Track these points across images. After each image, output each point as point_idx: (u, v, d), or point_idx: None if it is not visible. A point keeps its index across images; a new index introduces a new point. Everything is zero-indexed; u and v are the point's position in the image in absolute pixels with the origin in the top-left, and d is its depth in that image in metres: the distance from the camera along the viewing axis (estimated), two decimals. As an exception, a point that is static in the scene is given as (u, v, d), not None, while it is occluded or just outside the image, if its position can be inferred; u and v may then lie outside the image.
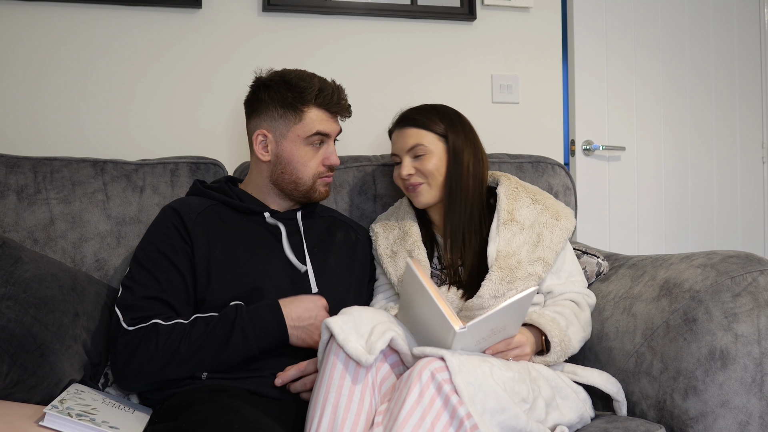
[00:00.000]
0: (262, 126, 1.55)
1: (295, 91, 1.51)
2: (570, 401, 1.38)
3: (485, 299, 1.47)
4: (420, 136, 1.61)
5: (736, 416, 1.34)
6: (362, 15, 2.12)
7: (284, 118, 1.53)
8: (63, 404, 1.18)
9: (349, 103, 1.60)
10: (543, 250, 1.55)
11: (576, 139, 2.47)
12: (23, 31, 1.88)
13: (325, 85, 1.54)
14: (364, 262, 1.67)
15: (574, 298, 1.58)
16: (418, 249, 1.59)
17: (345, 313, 1.26)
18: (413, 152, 1.61)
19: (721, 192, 2.68)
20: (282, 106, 1.52)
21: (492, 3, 2.22)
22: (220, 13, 2.02)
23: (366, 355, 1.18)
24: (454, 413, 1.12)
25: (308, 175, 1.55)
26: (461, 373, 1.16)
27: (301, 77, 1.54)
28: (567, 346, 1.45)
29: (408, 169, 1.60)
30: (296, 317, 1.39)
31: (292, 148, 1.53)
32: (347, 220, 1.73)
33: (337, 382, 1.18)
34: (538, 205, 1.62)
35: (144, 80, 1.97)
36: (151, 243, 1.47)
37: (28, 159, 1.66)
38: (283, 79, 1.54)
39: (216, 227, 1.50)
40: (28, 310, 1.29)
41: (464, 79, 2.22)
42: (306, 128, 1.52)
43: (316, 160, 1.55)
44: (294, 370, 1.36)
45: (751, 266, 1.42)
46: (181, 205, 1.52)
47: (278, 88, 1.53)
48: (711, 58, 2.66)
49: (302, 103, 1.52)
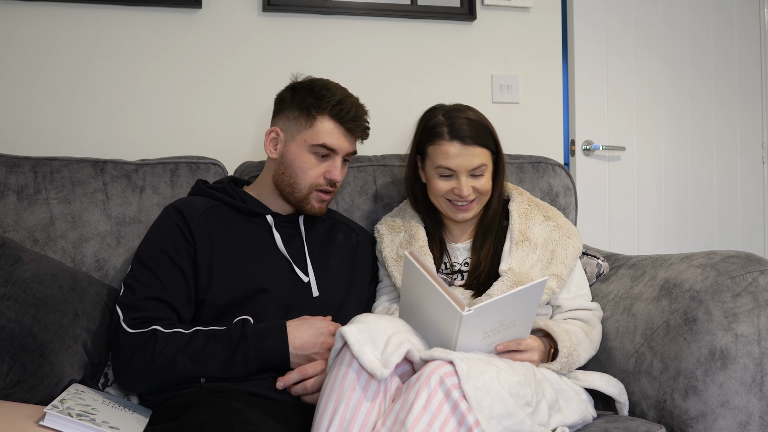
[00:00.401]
0: (277, 124, 1.57)
1: (314, 97, 1.52)
2: (573, 403, 1.38)
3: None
4: (483, 155, 1.55)
5: (736, 416, 1.34)
6: (362, 15, 2.12)
7: (297, 120, 1.53)
8: (63, 404, 1.18)
9: (368, 125, 1.57)
10: (557, 266, 1.54)
11: (576, 139, 2.47)
12: (23, 31, 1.88)
13: (346, 101, 1.53)
14: (365, 264, 1.66)
15: (583, 317, 1.56)
16: (424, 255, 1.58)
17: (360, 321, 1.24)
18: (474, 171, 1.55)
19: (721, 192, 2.68)
20: (299, 108, 1.53)
21: (492, 3, 2.22)
22: (220, 13, 2.02)
23: (381, 368, 1.15)
24: (463, 420, 1.12)
25: (306, 183, 1.53)
26: (470, 379, 1.15)
27: (326, 87, 1.54)
28: (574, 360, 1.44)
29: (468, 189, 1.53)
30: (300, 345, 1.37)
31: (296, 152, 1.53)
32: (348, 222, 1.72)
33: (347, 393, 1.17)
34: (551, 222, 1.61)
35: (144, 80, 1.97)
36: (153, 242, 1.47)
37: (28, 159, 1.66)
38: (310, 84, 1.55)
39: (218, 228, 1.50)
40: (28, 310, 1.29)
41: (464, 79, 2.22)
42: (314, 136, 1.51)
43: (317, 170, 1.53)
44: (295, 373, 1.36)
45: (751, 266, 1.42)
46: (184, 205, 1.52)
47: (301, 90, 1.54)
48: (711, 58, 2.66)
49: (317, 110, 1.51)
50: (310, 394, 1.36)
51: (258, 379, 1.37)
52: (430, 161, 1.58)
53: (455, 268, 1.61)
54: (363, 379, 1.17)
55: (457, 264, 1.62)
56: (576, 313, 1.56)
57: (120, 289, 1.45)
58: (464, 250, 1.63)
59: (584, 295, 1.61)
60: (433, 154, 1.56)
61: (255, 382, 1.37)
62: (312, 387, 1.35)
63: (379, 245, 1.68)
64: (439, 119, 1.57)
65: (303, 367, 1.37)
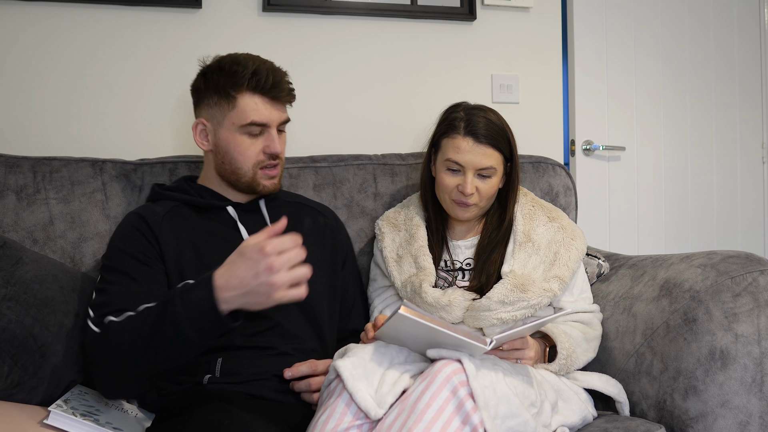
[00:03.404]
0: (201, 115, 1.50)
1: (228, 76, 1.43)
2: (573, 404, 1.38)
3: (492, 302, 1.46)
4: (494, 158, 1.54)
5: (736, 416, 1.34)
6: (362, 15, 2.12)
7: (219, 105, 1.45)
8: (67, 404, 1.18)
9: (292, 87, 1.49)
10: (559, 268, 1.53)
11: (576, 139, 2.47)
12: (23, 31, 1.88)
13: (260, 68, 1.43)
14: (333, 247, 1.60)
15: (584, 320, 1.56)
16: (423, 255, 1.57)
17: (353, 354, 1.23)
18: (482, 171, 1.55)
19: (721, 192, 2.68)
20: (216, 93, 1.45)
21: (492, 3, 2.22)
22: (220, 13, 2.02)
23: (375, 408, 1.16)
24: (468, 420, 1.12)
25: (248, 165, 1.46)
26: (478, 377, 1.15)
27: (236, 61, 1.45)
28: (572, 362, 1.44)
29: (471, 188, 1.53)
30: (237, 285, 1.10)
31: (228, 137, 1.45)
32: (313, 204, 1.67)
33: (341, 429, 1.17)
34: (555, 223, 1.60)
35: (144, 80, 1.96)
36: (118, 249, 1.39)
37: (27, 159, 1.65)
38: (219, 64, 1.47)
39: (182, 228, 1.45)
40: (29, 311, 1.29)
41: (464, 79, 2.22)
42: (240, 116, 1.43)
43: (254, 147, 1.45)
44: (306, 366, 1.34)
45: (751, 266, 1.42)
46: (144, 210, 1.47)
47: (212, 74, 1.46)
48: (711, 58, 2.66)
49: (234, 89, 1.43)
50: (312, 392, 1.35)
51: (259, 380, 1.36)
52: (441, 154, 1.59)
53: (456, 266, 1.61)
54: (353, 409, 1.18)
55: (458, 262, 1.62)
56: (577, 316, 1.56)
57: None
58: (466, 248, 1.63)
59: (586, 298, 1.61)
60: (445, 147, 1.57)
61: (256, 384, 1.36)
62: (316, 385, 1.34)
63: (379, 243, 1.67)
64: (459, 114, 1.58)
65: (314, 362, 1.35)
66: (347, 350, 1.28)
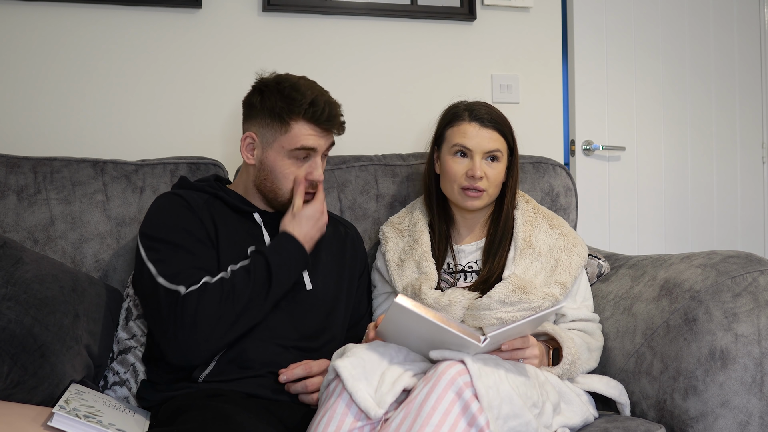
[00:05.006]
0: (251, 129, 1.52)
1: (285, 101, 1.46)
2: (574, 405, 1.38)
3: (493, 301, 1.46)
4: (500, 142, 1.58)
5: (736, 416, 1.34)
6: (362, 15, 2.12)
7: (271, 127, 1.48)
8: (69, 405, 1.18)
9: (343, 120, 1.54)
10: (561, 274, 1.53)
11: (576, 139, 2.47)
12: (23, 31, 1.88)
13: (318, 100, 1.47)
14: (353, 255, 1.64)
15: (587, 329, 1.55)
16: (426, 261, 1.58)
17: (353, 354, 1.24)
18: (490, 155, 1.57)
19: (721, 192, 2.68)
20: (270, 115, 1.47)
21: (492, 3, 2.22)
22: (220, 13, 2.02)
23: (375, 408, 1.16)
24: (474, 421, 1.12)
25: (288, 188, 1.50)
26: (482, 378, 1.15)
27: (295, 87, 1.48)
28: (576, 368, 1.43)
29: (481, 171, 1.54)
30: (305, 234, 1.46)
31: (275, 158, 1.48)
32: (334, 216, 1.70)
33: (343, 430, 1.17)
34: (556, 230, 1.61)
35: (144, 80, 1.97)
36: (167, 222, 1.44)
37: (28, 159, 1.66)
38: (277, 87, 1.49)
39: (218, 219, 1.48)
40: (29, 311, 1.29)
41: (464, 79, 2.22)
42: (291, 141, 1.47)
43: (298, 173, 1.50)
44: (301, 368, 1.35)
45: (751, 266, 1.42)
46: (185, 194, 1.50)
47: (270, 95, 1.48)
48: (711, 58, 2.66)
49: (290, 116, 1.46)
50: (309, 393, 1.36)
51: (254, 377, 1.37)
52: (446, 143, 1.61)
53: (458, 269, 1.61)
54: (353, 410, 1.18)
55: (460, 265, 1.62)
56: (579, 324, 1.55)
57: (129, 277, 1.43)
58: (469, 252, 1.63)
59: (588, 306, 1.61)
60: (451, 135, 1.60)
61: (251, 381, 1.37)
62: (312, 387, 1.35)
63: (382, 247, 1.68)
64: (460, 108, 1.63)
65: (308, 363, 1.36)
66: (346, 350, 1.28)
